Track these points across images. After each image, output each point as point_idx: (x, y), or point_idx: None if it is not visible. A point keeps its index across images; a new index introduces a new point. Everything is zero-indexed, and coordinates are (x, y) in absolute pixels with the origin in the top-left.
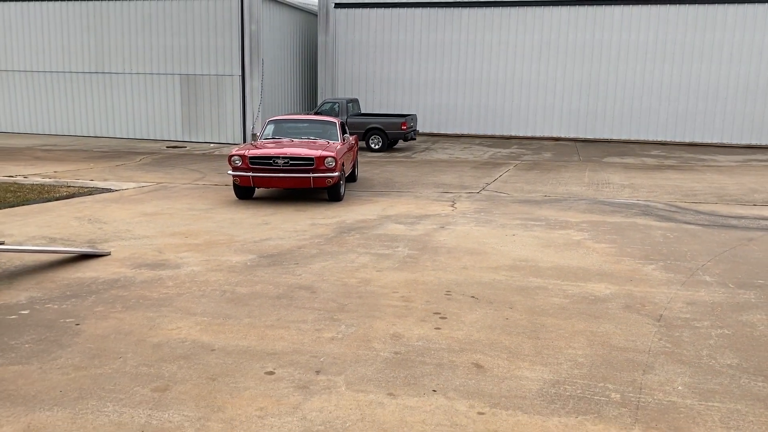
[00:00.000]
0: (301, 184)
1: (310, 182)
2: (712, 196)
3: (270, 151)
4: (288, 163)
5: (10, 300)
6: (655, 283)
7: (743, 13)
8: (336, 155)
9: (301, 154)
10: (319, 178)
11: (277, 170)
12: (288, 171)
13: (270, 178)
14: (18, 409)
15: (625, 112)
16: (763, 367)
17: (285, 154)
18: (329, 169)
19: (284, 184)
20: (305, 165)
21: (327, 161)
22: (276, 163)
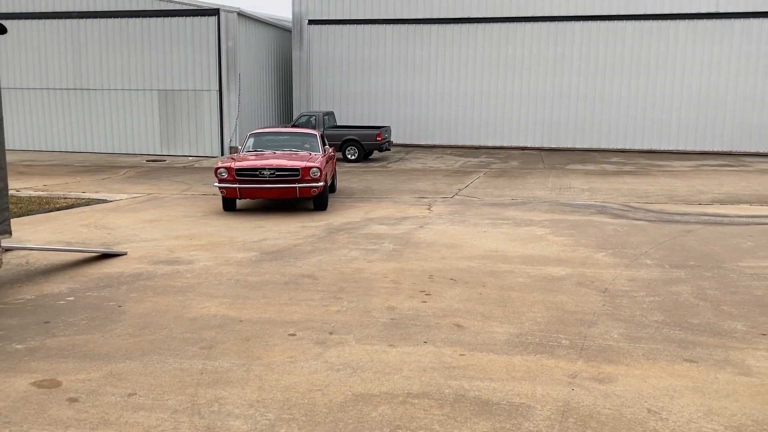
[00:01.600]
0: (288, 194)
1: (296, 192)
2: (663, 197)
3: (256, 162)
4: (274, 174)
5: (53, 290)
6: (604, 266)
7: (693, 29)
8: (320, 166)
9: (286, 165)
10: (305, 188)
11: (264, 181)
12: (274, 182)
13: (256, 189)
14: (97, 362)
15: (587, 122)
16: (681, 321)
17: (271, 166)
18: (314, 179)
19: (271, 195)
20: (291, 175)
21: (312, 171)
22: (262, 175)
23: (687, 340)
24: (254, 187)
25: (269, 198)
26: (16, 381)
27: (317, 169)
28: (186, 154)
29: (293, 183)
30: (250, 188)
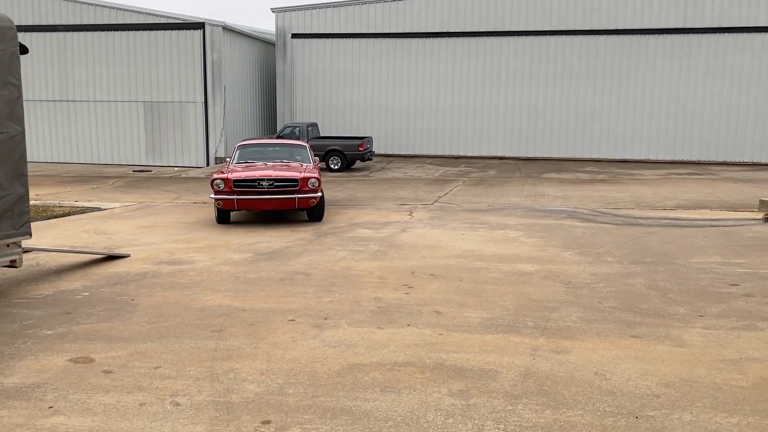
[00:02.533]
0: (286, 206)
1: (295, 203)
2: (631, 203)
3: (254, 173)
4: (273, 185)
5: (68, 287)
6: (569, 263)
7: (662, 43)
8: (318, 176)
9: (285, 176)
10: (304, 199)
11: (262, 192)
12: (272, 193)
13: (254, 200)
14: (122, 344)
15: (563, 132)
16: (632, 307)
17: (270, 176)
18: (312, 189)
19: (269, 206)
20: (290, 186)
21: (310, 182)
22: (260, 186)
23: (634, 321)
24: (252, 198)
25: (266, 209)
26: (54, 358)
27: (315, 179)
28: (172, 164)
29: (292, 194)
30: (248, 200)
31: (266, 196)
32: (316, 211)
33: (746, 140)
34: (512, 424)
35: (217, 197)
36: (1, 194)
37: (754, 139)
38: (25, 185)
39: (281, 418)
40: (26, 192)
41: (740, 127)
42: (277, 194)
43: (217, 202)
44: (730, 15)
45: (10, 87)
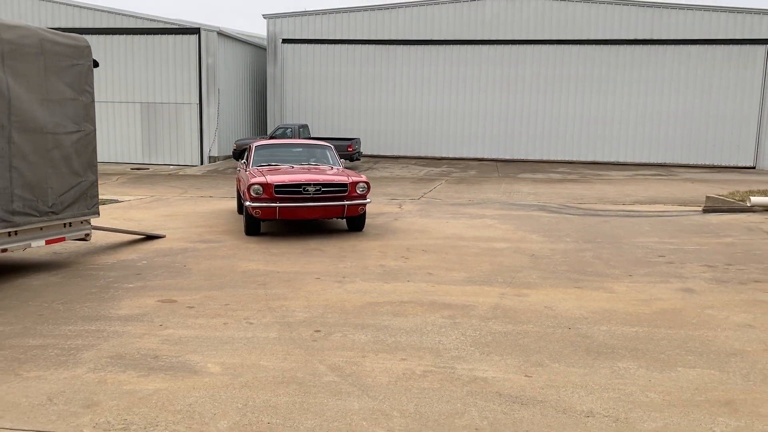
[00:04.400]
0: (333, 214)
1: (343, 210)
2: (595, 199)
3: (297, 177)
4: (320, 191)
5: (126, 258)
6: (535, 242)
7: (631, 53)
8: (367, 180)
9: (334, 180)
10: (353, 206)
11: (308, 199)
12: (319, 199)
13: (298, 208)
14: (192, 291)
15: (538, 136)
16: (579, 270)
17: (316, 181)
18: (361, 195)
19: (314, 215)
20: (338, 192)
21: (359, 187)
22: (306, 191)
23: (579, 279)
24: (296, 206)
25: (312, 218)
26: (146, 300)
27: (364, 184)
28: (167, 163)
29: (340, 200)
30: (291, 207)
31: (312, 203)
32: (359, 221)
33: (707, 144)
34: (485, 331)
35: (255, 205)
36: (78, 180)
37: (715, 143)
38: (95, 173)
39: (326, 329)
40: (96, 179)
41: (702, 132)
42: (324, 201)
43: (255, 211)
44: (693, 28)
45: (86, 94)
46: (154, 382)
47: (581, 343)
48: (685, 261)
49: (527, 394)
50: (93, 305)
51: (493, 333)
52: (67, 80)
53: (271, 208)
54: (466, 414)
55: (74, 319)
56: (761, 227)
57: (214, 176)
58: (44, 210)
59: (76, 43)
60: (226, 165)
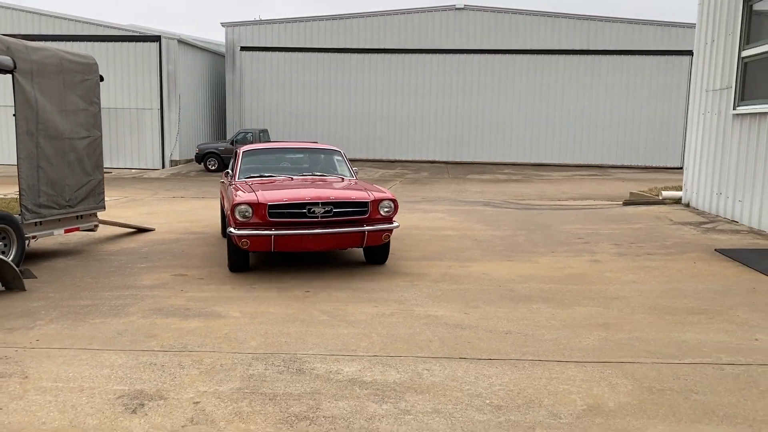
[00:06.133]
0: (349, 243)
1: (363, 239)
2: (534, 196)
3: (298, 193)
4: (331, 213)
5: (128, 246)
6: (478, 230)
7: (570, 62)
8: (393, 197)
9: (350, 198)
10: (375, 233)
11: (315, 224)
12: (331, 224)
13: (303, 236)
14: (197, 269)
15: (485, 139)
16: (513, 249)
17: (327, 198)
18: (386, 218)
19: (324, 245)
20: (356, 214)
21: (383, 206)
22: (312, 213)
23: (512, 255)
24: (299, 233)
25: (320, 250)
26: (161, 275)
27: (390, 202)
28: (129, 167)
29: (359, 224)
30: (292, 236)
31: (320, 229)
32: (382, 251)
33: (639, 147)
34: (436, 289)
35: (242, 233)
36: (89, 179)
37: (646, 145)
38: (102, 173)
39: (315, 290)
40: (103, 178)
41: (634, 136)
42: (337, 226)
43: (242, 241)
44: (625, 39)
45: (94, 105)
46: (192, 323)
47: (507, 294)
48: (598, 241)
49: (465, 323)
50: (119, 279)
51: (442, 290)
52: (79, 93)
53: (264, 236)
54: (423, 334)
55: (109, 288)
56: (667, 216)
57: (178, 179)
58: (63, 204)
59: (86, 61)
60: (188, 168)
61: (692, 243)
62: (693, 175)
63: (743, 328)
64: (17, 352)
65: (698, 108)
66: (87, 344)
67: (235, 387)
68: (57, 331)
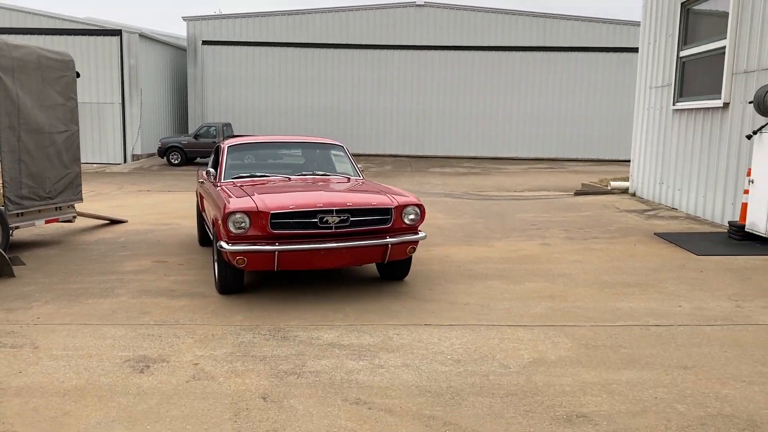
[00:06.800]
0: (369, 258)
1: (385, 253)
2: (492, 188)
3: (310, 199)
4: (347, 222)
5: (105, 237)
6: (440, 218)
7: (526, 58)
8: (419, 202)
9: (371, 204)
10: (400, 245)
11: (328, 235)
12: (347, 236)
13: (314, 252)
14: (175, 256)
15: (446, 134)
16: (472, 235)
17: (342, 205)
18: (410, 227)
19: (340, 261)
20: (377, 223)
21: (408, 213)
22: (325, 223)
23: (471, 240)
24: (310, 248)
25: (331, 268)
26: (142, 261)
27: (416, 207)
28: (90, 161)
29: (380, 236)
30: (301, 252)
31: (334, 243)
32: (402, 266)
33: (593, 140)
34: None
35: (237, 249)
36: (67, 172)
37: (600, 139)
38: (79, 166)
39: None
40: (80, 171)
41: (588, 130)
42: (354, 238)
43: (237, 258)
44: (579, 37)
45: (71, 100)
46: (180, 301)
47: (466, 273)
48: (550, 227)
49: (430, 297)
50: (102, 266)
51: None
52: (57, 89)
53: (266, 253)
54: (392, 306)
55: (95, 274)
56: (614, 204)
57: (142, 173)
58: (43, 195)
59: (63, 58)
60: (151, 162)
61: (634, 228)
62: (638, 167)
63: (670, 298)
64: (22, 328)
65: (642, 103)
66: (86, 321)
67: (228, 351)
68: (55, 311)
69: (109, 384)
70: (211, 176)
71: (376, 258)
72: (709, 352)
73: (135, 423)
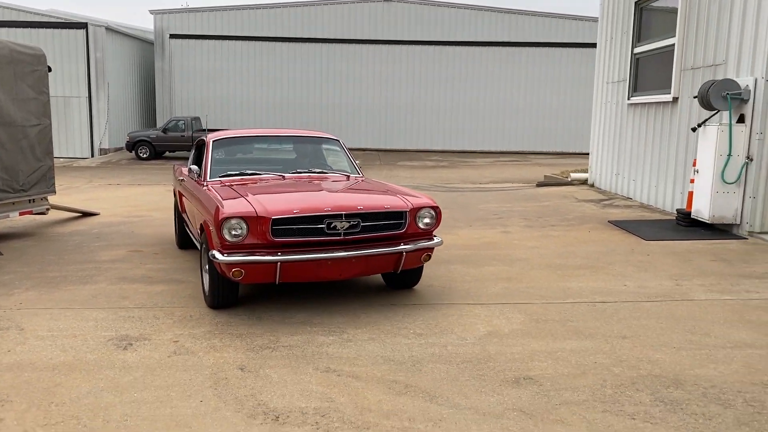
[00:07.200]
0: (381, 268)
1: (399, 261)
2: (458, 180)
3: (314, 201)
4: (358, 227)
5: (79, 228)
6: None
7: (493, 53)
8: (435, 203)
9: (383, 206)
10: (415, 253)
11: (335, 242)
12: (356, 243)
13: (321, 262)
14: (150, 246)
15: (415, 127)
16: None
17: (352, 209)
18: (426, 231)
19: (349, 272)
20: (389, 228)
21: (423, 216)
22: (332, 230)
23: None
24: (317, 258)
25: (339, 279)
26: (118, 251)
27: (432, 210)
28: (57, 155)
29: (394, 243)
30: (307, 262)
31: (343, 251)
32: (415, 273)
33: (556, 134)
34: None
35: (233, 260)
36: (40, 165)
37: (564, 133)
38: (52, 159)
39: None
40: (53, 164)
41: (553, 123)
42: (365, 246)
43: (233, 270)
44: (543, 32)
45: (44, 94)
46: (158, 287)
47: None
48: (511, 217)
49: None
50: (79, 255)
51: None
52: (29, 83)
53: (267, 264)
54: (361, 289)
55: (72, 263)
56: (573, 195)
57: (110, 167)
58: (17, 188)
59: (35, 52)
60: (119, 156)
61: (591, 216)
62: (596, 159)
63: (617, 278)
64: (6, 313)
65: (600, 98)
66: (68, 305)
67: (207, 330)
68: (36, 297)
69: (95, 360)
70: (194, 174)
71: (389, 267)
72: (647, 324)
73: (123, 392)
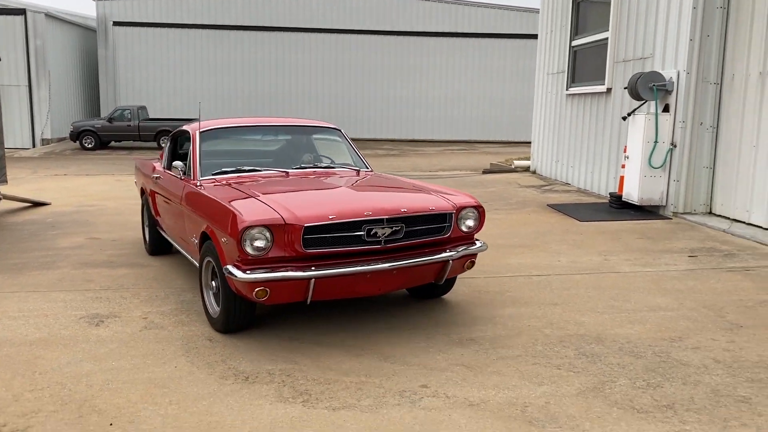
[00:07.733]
0: (424, 278)
1: (445, 270)
2: (408, 168)
3: (346, 203)
4: (401, 233)
5: (32, 218)
6: None
7: (440, 44)
8: (478, 202)
9: (427, 208)
10: (462, 260)
11: (375, 253)
12: (398, 252)
13: (359, 276)
14: (107, 233)
15: (365, 117)
16: None
17: (394, 212)
18: (468, 235)
19: (390, 285)
20: (432, 232)
21: (465, 218)
22: (372, 237)
23: None
24: (354, 271)
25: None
26: (76, 239)
27: (475, 210)
28: None
29: (438, 249)
30: (343, 276)
31: (383, 262)
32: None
33: (503, 123)
34: None
35: (257, 277)
36: None
37: (510, 122)
38: (3, 149)
39: None
40: (4, 154)
41: (499, 113)
42: (407, 255)
43: (256, 289)
44: (490, 23)
45: None
46: (121, 270)
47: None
48: None
49: None
50: (36, 243)
51: None
52: None
53: (299, 280)
54: None
55: (31, 251)
56: (516, 181)
57: (53, 157)
58: None
59: None
60: (62, 147)
61: (532, 201)
62: (538, 147)
63: (552, 255)
64: None
65: (541, 88)
66: (34, 289)
67: (173, 307)
68: (0, 282)
69: (70, 335)
70: (179, 171)
71: (430, 278)
72: (576, 293)
73: (101, 361)
